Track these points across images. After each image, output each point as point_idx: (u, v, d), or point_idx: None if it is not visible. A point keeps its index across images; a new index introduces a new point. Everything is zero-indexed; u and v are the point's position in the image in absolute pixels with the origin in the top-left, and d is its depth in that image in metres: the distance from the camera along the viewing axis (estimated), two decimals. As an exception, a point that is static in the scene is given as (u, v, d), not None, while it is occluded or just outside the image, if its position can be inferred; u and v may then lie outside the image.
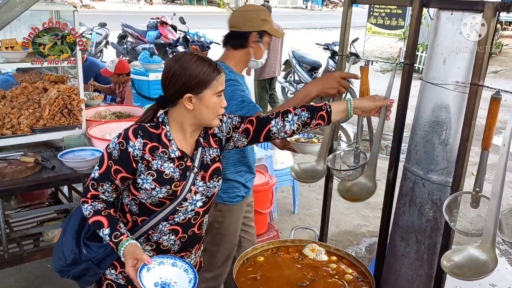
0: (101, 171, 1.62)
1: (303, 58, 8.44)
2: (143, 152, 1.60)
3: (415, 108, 1.95)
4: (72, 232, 1.75)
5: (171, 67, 1.61)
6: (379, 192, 5.38)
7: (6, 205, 3.12)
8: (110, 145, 1.62)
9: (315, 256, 2.19)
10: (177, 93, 1.60)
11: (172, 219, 1.68)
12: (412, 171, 1.90)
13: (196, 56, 1.62)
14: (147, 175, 1.61)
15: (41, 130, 3.09)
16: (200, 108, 1.62)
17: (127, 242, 1.58)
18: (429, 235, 1.89)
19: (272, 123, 1.77)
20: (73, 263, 1.71)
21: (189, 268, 1.61)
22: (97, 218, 1.63)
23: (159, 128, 1.65)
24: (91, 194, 1.65)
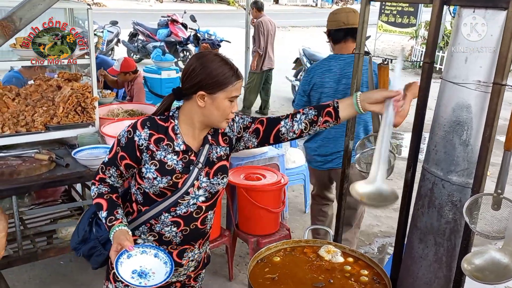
0: (110, 156, 1.72)
1: (313, 56, 8.38)
2: (148, 142, 1.66)
3: (434, 108, 1.90)
4: (90, 213, 1.86)
5: (193, 62, 1.65)
6: (392, 192, 5.29)
7: (20, 202, 3.14)
8: (121, 133, 1.71)
9: (331, 258, 2.17)
10: (193, 88, 1.64)
11: (174, 211, 1.71)
12: (432, 172, 1.86)
13: (220, 57, 1.65)
14: (151, 165, 1.67)
15: (55, 127, 3.10)
16: (210, 108, 1.64)
17: (117, 228, 1.65)
18: (448, 237, 1.85)
19: (282, 124, 1.77)
20: (83, 240, 1.82)
21: (169, 261, 1.65)
22: (99, 200, 1.71)
23: (168, 122, 1.70)
24: (99, 177, 1.75)
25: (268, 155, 3.95)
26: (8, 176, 2.65)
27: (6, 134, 2.96)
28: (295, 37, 17.58)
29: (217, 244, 3.29)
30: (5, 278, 2.61)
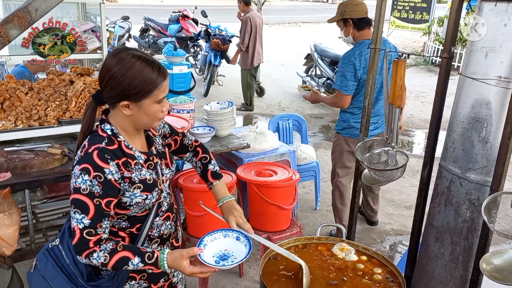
0: (91, 216, 1.47)
1: (325, 52, 8.32)
2: (121, 172, 1.53)
3: (452, 104, 1.87)
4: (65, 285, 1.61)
5: (110, 67, 1.50)
6: (403, 189, 5.28)
7: (33, 196, 3.15)
8: (82, 186, 1.46)
9: (344, 256, 2.14)
10: (114, 98, 1.52)
11: (161, 211, 1.71)
12: (449, 170, 1.83)
13: (140, 58, 1.51)
14: (134, 190, 1.56)
15: (68, 122, 3.11)
16: (138, 115, 1.55)
17: (164, 255, 1.53)
18: (465, 236, 1.81)
19: (186, 155, 1.92)
20: None
21: (228, 232, 1.67)
22: (118, 256, 1.49)
23: (114, 142, 1.56)
24: (93, 242, 1.48)
25: (279, 151, 3.92)
26: (21, 169, 2.66)
27: (19, 128, 2.97)
28: (306, 33, 17.50)
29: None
30: (18, 271, 2.62)
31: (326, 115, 8.05)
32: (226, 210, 1.80)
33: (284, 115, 4.90)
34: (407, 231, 4.30)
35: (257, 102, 8.54)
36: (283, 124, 4.65)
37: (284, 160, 3.90)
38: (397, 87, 1.93)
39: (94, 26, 3.31)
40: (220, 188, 1.87)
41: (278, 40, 15.51)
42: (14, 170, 2.64)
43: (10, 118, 2.98)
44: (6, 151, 2.82)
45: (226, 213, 1.79)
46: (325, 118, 7.87)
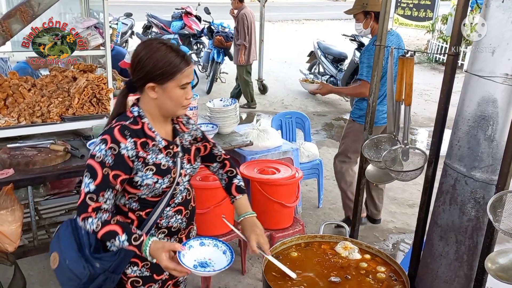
0: (97, 182, 1.55)
1: (328, 50, 8.29)
2: (137, 150, 1.60)
3: (457, 102, 1.85)
4: (73, 251, 1.67)
5: (138, 53, 1.61)
6: (406, 187, 5.26)
7: (35, 193, 3.16)
8: (97, 154, 1.56)
9: (347, 254, 2.13)
10: (141, 80, 1.61)
11: (173, 202, 1.73)
12: (454, 168, 1.81)
13: (166, 45, 1.61)
14: (146, 171, 1.62)
15: (70, 119, 3.11)
16: (163, 99, 1.62)
17: (149, 241, 1.56)
18: (470, 235, 1.80)
19: (213, 165, 1.96)
20: (89, 280, 1.66)
21: (218, 242, 1.67)
22: (109, 228, 1.56)
23: (138, 123, 1.64)
24: (92, 207, 1.56)
25: (282, 149, 3.91)
26: (24, 166, 2.65)
27: (22, 124, 2.97)
28: (309, 30, 17.45)
29: (230, 238, 3.27)
30: (20, 267, 2.62)
31: (329, 113, 8.03)
32: (247, 226, 1.82)
33: (287, 112, 4.88)
34: (410, 229, 4.29)
35: (259, 100, 8.52)
36: (286, 121, 4.64)
37: (287, 158, 3.89)
38: (407, 85, 1.92)
39: (97, 22, 3.30)
40: (243, 202, 1.89)
41: (281, 37, 15.47)
42: (17, 167, 2.64)
43: (13, 114, 2.97)
44: (9, 147, 2.82)
45: (248, 229, 1.80)
46: (328, 116, 7.85)
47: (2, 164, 2.69)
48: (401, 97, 2.04)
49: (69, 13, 3.73)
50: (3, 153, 2.74)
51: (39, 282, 3.20)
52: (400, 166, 2.15)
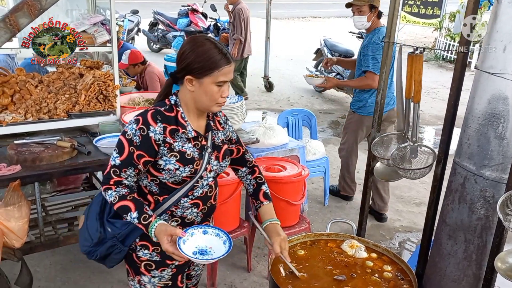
0: (122, 158, 1.65)
1: (335, 47, 8.24)
2: (164, 135, 1.66)
3: (467, 100, 1.82)
4: (95, 215, 1.81)
5: (184, 45, 1.68)
6: (413, 186, 5.22)
7: (42, 189, 3.16)
8: (128, 132, 1.65)
9: (354, 253, 2.12)
10: (182, 71, 1.67)
11: (191, 194, 1.76)
12: (463, 166, 1.79)
13: (210, 41, 1.66)
14: (170, 157, 1.67)
15: (77, 115, 3.11)
16: (199, 92, 1.67)
17: (156, 223, 1.62)
18: (479, 234, 1.78)
19: (242, 169, 1.99)
20: (99, 242, 1.77)
21: (220, 232, 1.71)
22: (124, 203, 1.65)
23: (173, 111, 1.70)
24: (113, 180, 1.67)
25: (289, 146, 3.90)
26: (31, 162, 2.66)
27: (29, 121, 2.98)
28: (315, 27, 17.38)
29: (236, 235, 3.27)
30: (27, 263, 2.63)
31: (335, 111, 7.99)
32: (272, 231, 1.86)
33: (293, 110, 4.86)
34: (416, 228, 4.26)
35: (266, 97, 8.51)
36: (292, 119, 4.62)
37: (293, 156, 3.87)
38: (416, 82, 1.89)
39: (103, 19, 3.30)
40: (269, 209, 1.93)
41: (287, 35, 15.42)
42: (24, 163, 2.64)
43: (20, 111, 2.98)
44: (16, 143, 2.82)
45: (273, 234, 1.84)
46: (334, 114, 7.81)
47: (9, 160, 2.69)
48: (410, 94, 2.02)
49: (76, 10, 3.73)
50: (10, 149, 2.74)
51: (45, 278, 3.21)
52: (409, 164, 2.13)
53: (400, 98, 2.08)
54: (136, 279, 1.84)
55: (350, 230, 3.34)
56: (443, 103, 8.69)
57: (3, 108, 2.98)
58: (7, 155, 2.73)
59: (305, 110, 4.88)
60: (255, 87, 9.09)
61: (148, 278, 1.82)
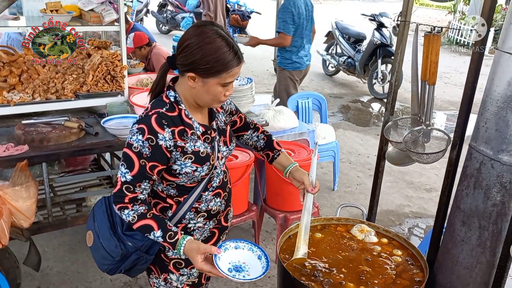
0: (134, 173, 1.52)
1: (346, 30, 8.10)
2: (175, 140, 1.54)
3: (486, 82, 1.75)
4: (107, 229, 1.69)
5: (190, 36, 1.50)
6: (424, 171, 5.16)
7: (50, 170, 3.15)
8: (134, 144, 1.51)
9: (363, 237, 2.09)
10: (184, 67, 1.52)
11: (211, 186, 1.70)
12: (480, 151, 1.73)
13: (221, 37, 1.48)
14: (185, 160, 1.57)
15: (85, 96, 3.08)
16: (201, 91, 1.54)
17: (184, 241, 1.55)
18: (494, 220, 1.73)
19: (248, 132, 1.92)
20: (122, 259, 1.66)
21: (253, 246, 1.64)
22: (144, 222, 1.55)
23: (175, 110, 1.57)
24: (128, 198, 1.55)
25: (298, 130, 3.84)
26: (38, 142, 2.64)
27: (37, 101, 2.96)
28: (327, 10, 17.11)
29: (244, 219, 3.25)
30: (36, 243, 2.64)
31: (345, 95, 7.90)
32: (298, 171, 1.80)
33: (303, 93, 4.80)
34: (426, 214, 4.21)
35: (275, 80, 8.41)
36: (302, 102, 4.55)
37: (303, 140, 3.82)
38: (432, 63, 1.82)
39: (112, -3, 3.25)
40: (287, 155, 1.89)
41: (298, 17, 15.18)
42: (32, 143, 2.63)
43: (27, 90, 2.96)
44: (23, 123, 2.81)
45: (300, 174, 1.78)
46: (344, 98, 7.72)
47: (16, 140, 2.68)
48: (426, 76, 1.95)
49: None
50: (18, 129, 2.73)
51: (54, 258, 3.23)
52: (422, 148, 2.08)
53: (415, 80, 2.01)
54: (162, 277, 1.76)
55: (359, 215, 3.31)
56: (456, 88, 8.55)
57: (10, 88, 2.96)
58: (14, 135, 2.72)
59: (315, 94, 4.81)
60: (264, 70, 9.00)
61: (176, 276, 1.75)
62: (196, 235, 1.73)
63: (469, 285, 1.81)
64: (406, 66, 2.14)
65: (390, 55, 7.25)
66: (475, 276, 1.80)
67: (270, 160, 1.89)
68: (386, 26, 7.50)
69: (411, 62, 2.01)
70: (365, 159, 5.28)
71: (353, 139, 5.93)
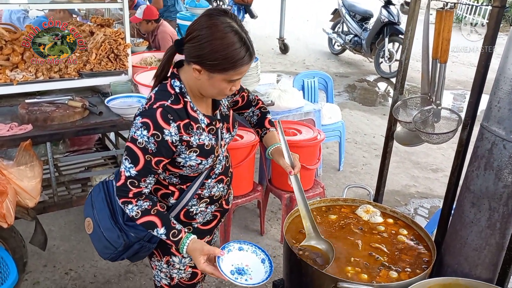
0: (138, 168, 1.47)
1: (353, 7, 7.95)
2: (180, 134, 1.49)
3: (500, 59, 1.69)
4: (107, 219, 1.65)
5: (201, 27, 1.41)
6: (430, 152, 5.13)
7: (55, 149, 3.14)
8: (139, 140, 1.45)
9: (369, 218, 2.07)
10: (191, 58, 1.45)
11: (213, 174, 1.66)
12: (492, 131, 1.68)
13: (234, 32, 1.39)
14: (190, 153, 1.53)
15: (88, 75, 3.04)
16: (206, 83, 1.47)
17: (188, 240, 1.53)
18: (505, 202, 1.69)
19: (249, 110, 1.88)
20: (125, 248, 1.64)
21: (257, 249, 1.61)
22: (148, 219, 1.52)
23: (180, 102, 1.51)
24: (133, 193, 1.50)
25: (304, 110, 3.79)
26: (42, 122, 2.62)
27: (40, 80, 2.93)
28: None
29: (249, 199, 3.24)
30: (42, 223, 2.64)
31: (352, 74, 7.80)
32: (275, 154, 1.76)
33: (309, 72, 4.73)
34: (432, 194, 4.19)
35: (280, 60, 8.33)
36: (308, 82, 4.49)
37: (308, 119, 3.78)
38: (444, 40, 1.76)
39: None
40: (274, 135, 1.83)
41: (304, -5, 14.94)
42: (35, 123, 2.61)
43: (30, 69, 2.92)
44: (27, 102, 2.79)
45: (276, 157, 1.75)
46: (351, 77, 7.63)
47: (20, 119, 2.66)
48: (437, 54, 1.89)
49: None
50: (21, 109, 2.71)
51: (60, 237, 3.25)
52: (431, 128, 2.03)
53: (426, 58, 1.95)
54: (165, 259, 1.74)
55: (365, 195, 3.28)
56: (464, 68, 8.42)
57: (13, 67, 2.93)
58: (18, 114, 2.70)
59: (321, 73, 4.74)
60: (269, 49, 8.90)
61: (179, 258, 1.73)
62: (199, 218, 1.71)
63: (478, 267, 1.79)
64: (413, 44, 2.09)
65: (397, 33, 7.12)
66: (484, 258, 1.78)
67: (260, 137, 1.87)
68: (394, 4, 7.35)
69: (422, 39, 1.95)
70: (371, 139, 5.24)
71: (359, 119, 5.88)
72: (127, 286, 2.85)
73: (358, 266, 1.76)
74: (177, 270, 1.76)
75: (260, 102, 1.89)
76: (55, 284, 2.84)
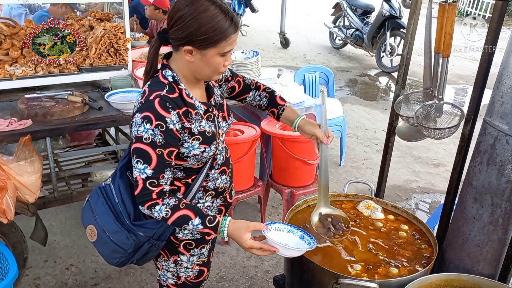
0: (153, 165, 1.43)
1: (355, 1, 7.90)
2: (182, 122, 1.47)
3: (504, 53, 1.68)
4: (112, 222, 1.60)
5: (182, 6, 1.40)
6: (432, 146, 5.11)
7: (55, 145, 3.13)
8: (144, 135, 1.41)
9: (370, 214, 2.06)
10: (179, 41, 1.43)
11: (216, 164, 1.66)
12: (495, 126, 1.67)
13: (215, 4, 1.40)
14: (192, 141, 1.51)
15: (88, 69, 3.03)
16: (199, 63, 1.46)
17: (226, 221, 1.50)
18: (508, 197, 1.68)
19: (250, 94, 1.83)
20: (135, 250, 1.60)
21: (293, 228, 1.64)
22: (180, 214, 1.46)
23: (175, 91, 1.49)
24: (156, 193, 1.45)
25: (305, 104, 3.77)
26: (42, 117, 2.61)
27: (40, 74, 2.91)
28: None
29: (250, 194, 3.23)
30: (42, 218, 2.64)
31: (353, 69, 7.77)
32: (307, 124, 1.73)
33: (310, 67, 4.70)
34: (433, 189, 4.18)
35: (281, 54, 8.30)
36: (309, 76, 4.47)
37: (309, 114, 3.76)
38: (447, 34, 1.74)
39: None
40: (292, 109, 1.80)
41: (305, -11, 14.87)
42: (35, 118, 2.60)
43: (30, 64, 2.90)
44: (26, 97, 2.77)
45: (309, 127, 1.71)
46: (352, 72, 7.60)
47: (20, 114, 2.65)
48: (440, 48, 1.87)
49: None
50: (21, 103, 2.69)
51: (60, 232, 3.25)
52: (434, 123, 2.02)
53: (428, 52, 1.93)
54: (172, 259, 1.72)
55: (366, 191, 3.27)
56: (466, 62, 8.37)
57: (13, 61, 2.91)
58: (17, 109, 2.69)
59: (322, 67, 4.71)
60: (270, 44, 8.86)
61: (187, 257, 1.72)
62: None
63: (480, 262, 1.79)
64: (415, 38, 2.07)
65: (399, 28, 7.08)
66: (486, 254, 1.77)
67: (276, 117, 1.82)
68: (396, -3, 7.31)
69: (425, 33, 1.93)
70: (372, 134, 5.23)
71: (360, 113, 5.86)
72: (128, 281, 2.85)
73: (358, 262, 1.75)
74: (185, 269, 1.74)
75: (261, 85, 1.85)
76: (56, 280, 2.84)
